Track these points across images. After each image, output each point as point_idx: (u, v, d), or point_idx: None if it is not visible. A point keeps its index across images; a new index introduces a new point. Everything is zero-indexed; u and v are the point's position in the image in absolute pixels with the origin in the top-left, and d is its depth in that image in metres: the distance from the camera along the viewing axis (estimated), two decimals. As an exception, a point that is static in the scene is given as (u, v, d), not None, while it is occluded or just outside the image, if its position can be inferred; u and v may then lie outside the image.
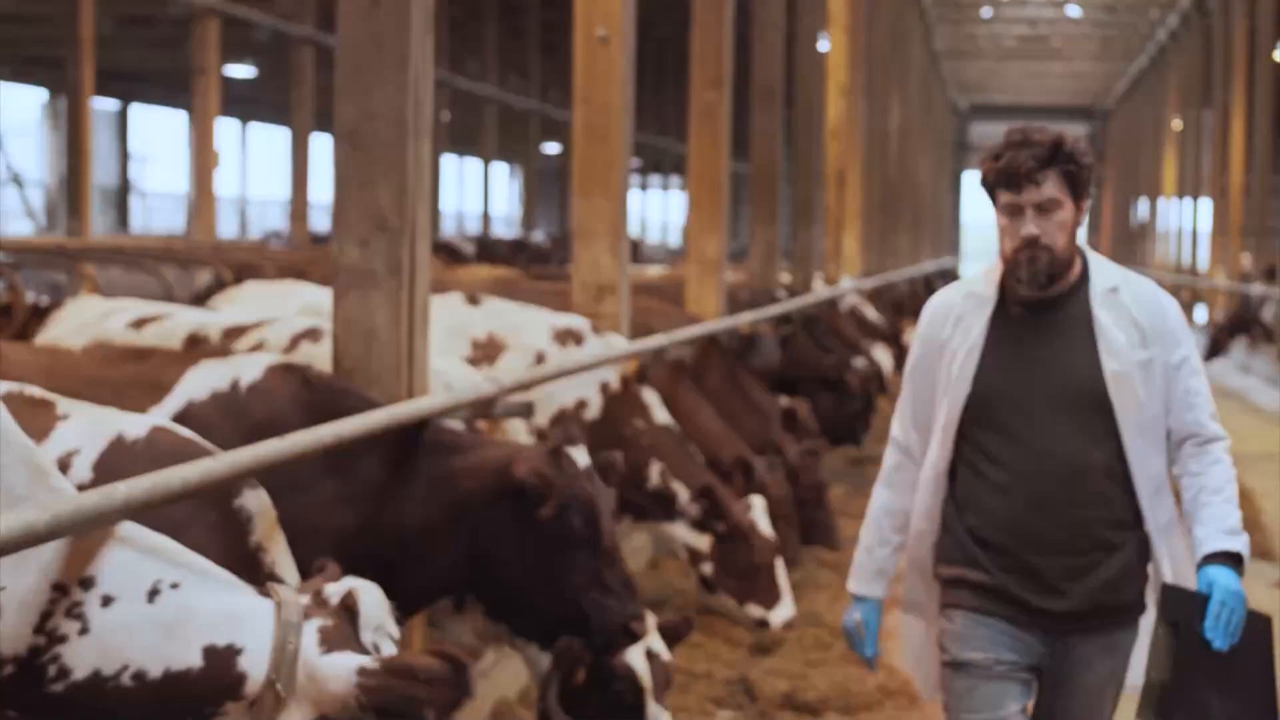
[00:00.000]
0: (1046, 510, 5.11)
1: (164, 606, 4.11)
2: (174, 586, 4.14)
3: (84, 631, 4.08)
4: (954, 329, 5.25)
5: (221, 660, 4.12)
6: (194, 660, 4.11)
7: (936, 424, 5.27)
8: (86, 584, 4.10)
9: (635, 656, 6.56)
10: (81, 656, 4.09)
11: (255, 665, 4.11)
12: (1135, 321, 5.15)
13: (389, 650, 4.21)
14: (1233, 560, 5.02)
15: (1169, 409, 5.19)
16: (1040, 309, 5.17)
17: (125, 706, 4.11)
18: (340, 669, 4.07)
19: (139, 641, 4.10)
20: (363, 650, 4.12)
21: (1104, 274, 5.21)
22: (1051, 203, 5.02)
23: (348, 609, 4.18)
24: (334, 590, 4.27)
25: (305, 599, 4.25)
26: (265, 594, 4.30)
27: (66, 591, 4.08)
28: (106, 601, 4.09)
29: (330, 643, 4.12)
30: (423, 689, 4.04)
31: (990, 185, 5.07)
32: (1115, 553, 5.15)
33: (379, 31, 6.62)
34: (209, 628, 4.13)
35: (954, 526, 5.24)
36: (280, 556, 4.96)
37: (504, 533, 6.13)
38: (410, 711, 4.04)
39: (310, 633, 4.13)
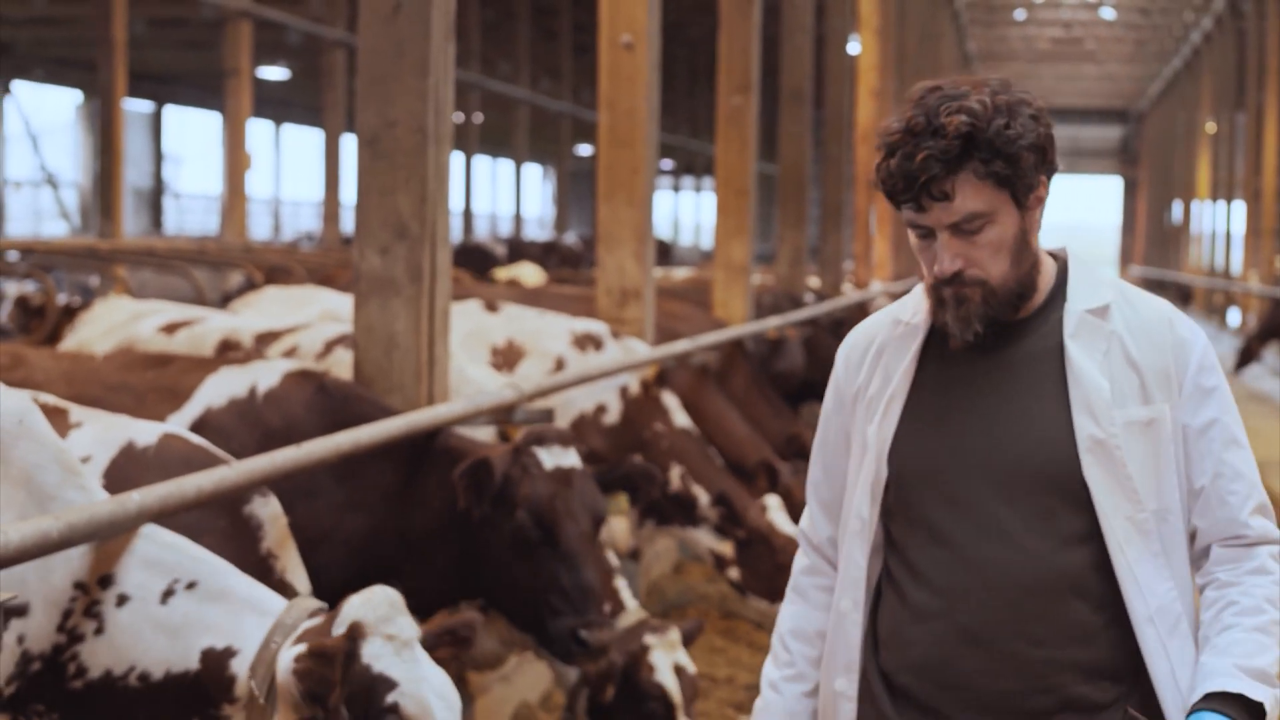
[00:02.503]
0: (986, 648, 3.45)
1: (174, 608, 4.17)
2: (189, 587, 4.19)
3: (99, 631, 4.15)
4: (870, 372, 3.65)
5: (216, 662, 4.16)
6: (192, 663, 4.16)
7: (848, 520, 3.64)
8: (105, 583, 4.17)
9: (665, 673, 6.58)
10: (97, 656, 4.16)
11: (244, 667, 4.14)
12: (1131, 361, 3.48)
13: (363, 651, 4.14)
14: (1245, 712, 3.36)
15: (1190, 498, 3.51)
16: (990, 341, 3.51)
17: (134, 706, 4.18)
18: (285, 659, 4.08)
19: (145, 643, 4.16)
20: None
21: (1087, 289, 3.55)
22: (974, 219, 3.40)
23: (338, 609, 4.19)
24: None
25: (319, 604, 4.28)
26: (286, 597, 4.35)
27: (87, 590, 4.15)
28: (122, 601, 4.16)
29: (302, 641, 4.12)
30: (331, 667, 4.00)
31: (885, 194, 3.45)
32: (1098, 715, 3.47)
33: (400, 38, 6.65)
34: (211, 630, 4.17)
35: (867, 672, 3.62)
36: (291, 564, 4.99)
37: (480, 535, 6.10)
38: (324, 692, 4.00)
39: (296, 633, 4.15)
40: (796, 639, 3.77)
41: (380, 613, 4.13)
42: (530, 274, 17.30)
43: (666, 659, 6.62)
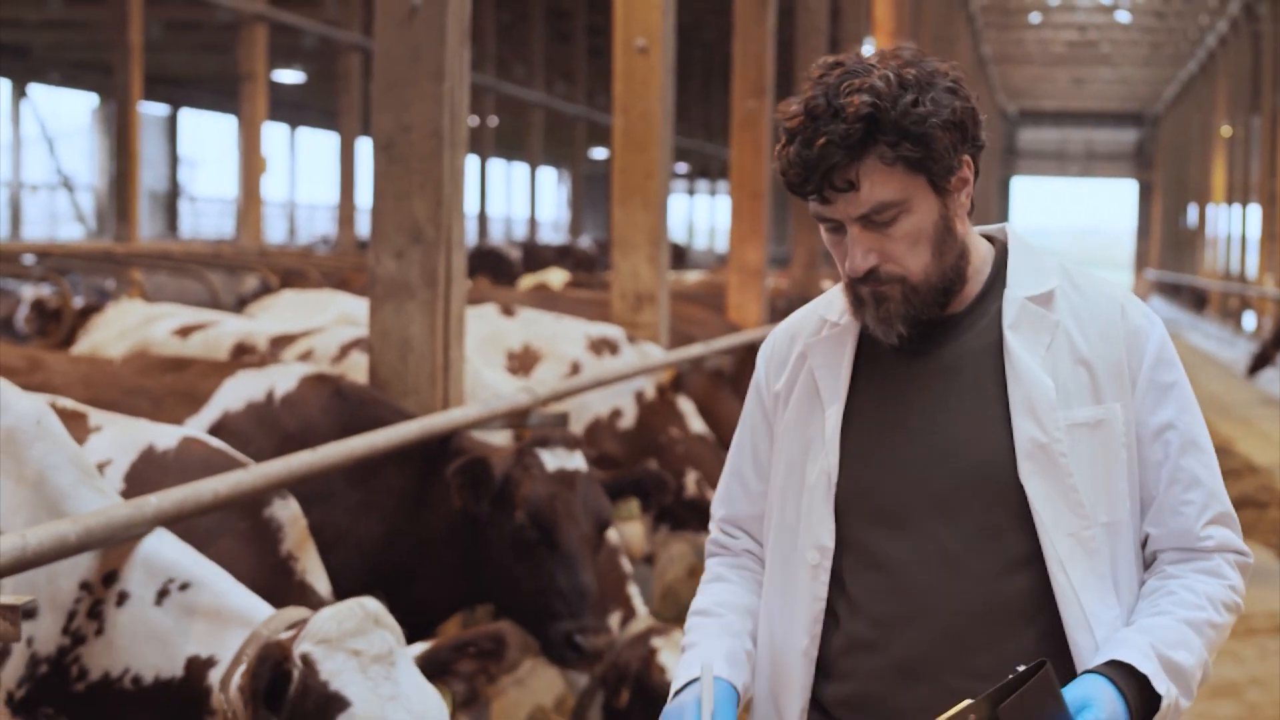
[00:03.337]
0: (927, 683, 3.08)
1: (166, 610, 4.16)
2: (183, 589, 4.18)
3: (99, 632, 4.16)
4: (794, 377, 3.25)
5: (198, 672, 4.13)
6: (178, 670, 4.14)
7: (803, 551, 3.18)
8: (109, 580, 4.17)
9: None
10: (96, 657, 4.17)
11: (219, 678, 4.10)
12: (1079, 354, 3.09)
13: (323, 666, 3.98)
14: (1141, 697, 2.95)
15: (1144, 505, 3.12)
16: (923, 341, 3.13)
17: (129, 711, 4.17)
18: (238, 674, 4.03)
19: (139, 646, 4.16)
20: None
21: (1029, 274, 3.14)
22: (885, 209, 3.02)
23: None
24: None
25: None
26: (306, 599, 4.34)
27: (91, 589, 4.16)
28: (122, 600, 4.17)
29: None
30: (250, 681, 3.93)
31: (786, 185, 3.06)
32: None
33: (415, 44, 6.67)
34: (197, 638, 4.14)
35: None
36: (311, 566, 5.00)
37: (484, 536, 6.05)
38: (251, 705, 3.93)
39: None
40: (728, 609, 3.30)
41: (349, 626, 3.99)
42: (558, 280, 17.34)
43: (675, 659, 6.64)
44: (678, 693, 3.15)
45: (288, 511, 5.03)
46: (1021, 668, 2.88)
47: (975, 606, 3.05)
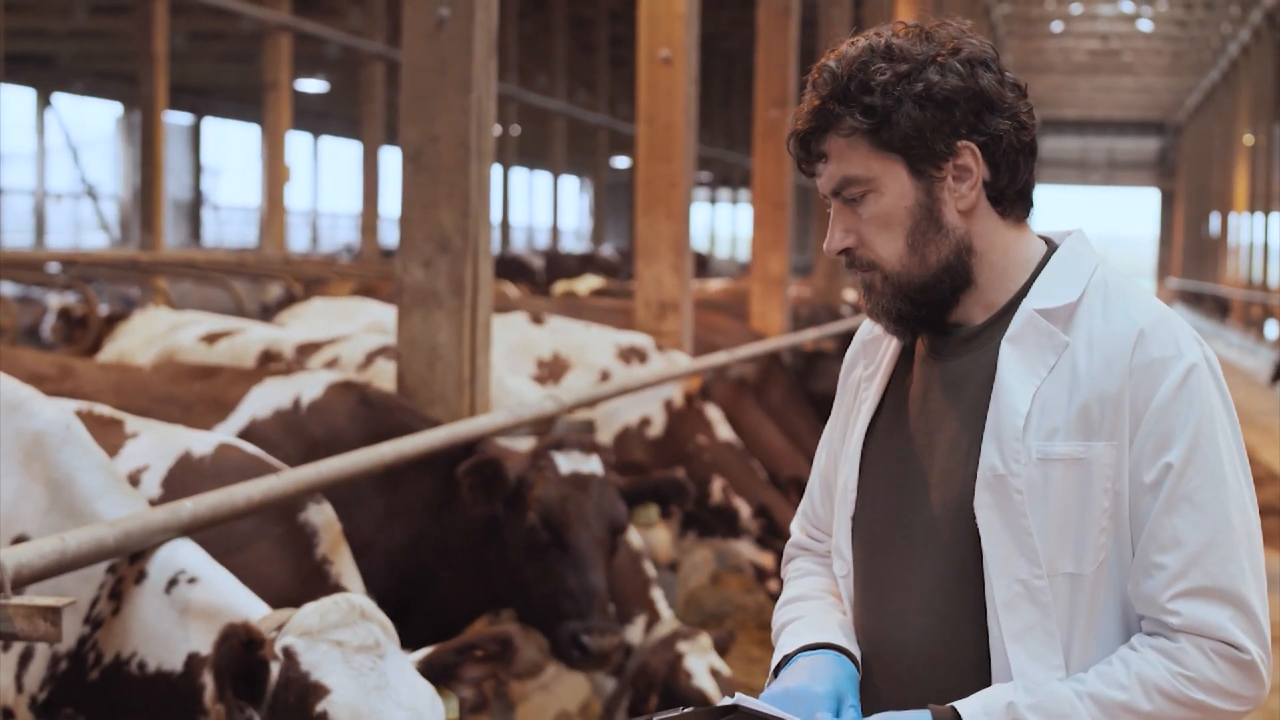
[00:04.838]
0: None
1: (174, 600, 4.21)
2: (191, 582, 4.22)
3: (116, 611, 4.21)
4: (852, 380, 3.05)
5: (196, 669, 4.16)
6: (177, 664, 4.18)
7: (833, 560, 3.01)
8: (135, 557, 4.22)
9: (703, 678, 6.61)
10: (111, 639, 4.22)
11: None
12: (1078, 382, 2.72)
13: (304, 658, 3.94)
14: None
15: (1130, 563, 2.74)
16: (945, 349, 2.87)
17: (134, 698, 4.20)
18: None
19: (147, 630, 4.21)
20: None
21: (1056, 283, 2.78)
22: (849, 185, 2.80)
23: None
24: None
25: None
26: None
27: (116, 569, 4.21)
28: (140, 578, 4.21)
29: None
30: (215, 660, 3.91)
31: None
32: None
33: (443, 55, 6.72)
34: (198, 634, 4.17)
35: None
36: (346, 570, 5.05)
37: (499, 538, 6.07)
38: (218, 686, 3.92)
39: None
40: (828, 591, 3.04)
41: (332, 618, 3.96)
42: (591, 287, 17.41)
43: (701, 664, 6.67)
44: (790, 657, 2.88)
45: (322, 516, 5.08)
46: (726, 701, 2.71)
47: (937, 651, 2.79)
